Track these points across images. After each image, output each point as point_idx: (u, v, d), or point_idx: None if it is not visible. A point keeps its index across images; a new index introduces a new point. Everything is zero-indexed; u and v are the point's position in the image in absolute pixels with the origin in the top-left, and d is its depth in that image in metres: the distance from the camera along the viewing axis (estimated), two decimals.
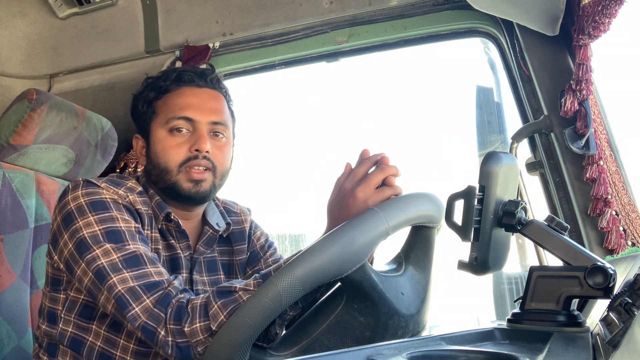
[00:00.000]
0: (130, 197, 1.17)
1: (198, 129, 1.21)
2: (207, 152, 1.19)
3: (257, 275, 1.04)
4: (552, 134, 1.51)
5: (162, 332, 1.00)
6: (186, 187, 1.19)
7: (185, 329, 0.99)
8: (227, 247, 1.34)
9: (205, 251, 1.28)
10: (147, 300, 1.02)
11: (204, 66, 1.74)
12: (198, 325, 0.99)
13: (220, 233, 1.30)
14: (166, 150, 1.20)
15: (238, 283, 1.02)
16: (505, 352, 0.73)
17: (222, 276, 1.31)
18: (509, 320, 0.86)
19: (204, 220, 1.30)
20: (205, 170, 1.20)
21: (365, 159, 1.09)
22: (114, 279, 1.04)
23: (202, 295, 1.03)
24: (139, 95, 1.28)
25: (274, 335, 1.11)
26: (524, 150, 1.62)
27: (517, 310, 0.87)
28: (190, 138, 1.20)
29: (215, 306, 0.99)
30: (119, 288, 1.03)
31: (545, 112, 1.51)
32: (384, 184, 1.07)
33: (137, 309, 1.02)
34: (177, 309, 1.01)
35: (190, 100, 1.23)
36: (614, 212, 1.40)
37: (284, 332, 1.08)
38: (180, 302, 1.02)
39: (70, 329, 1.17)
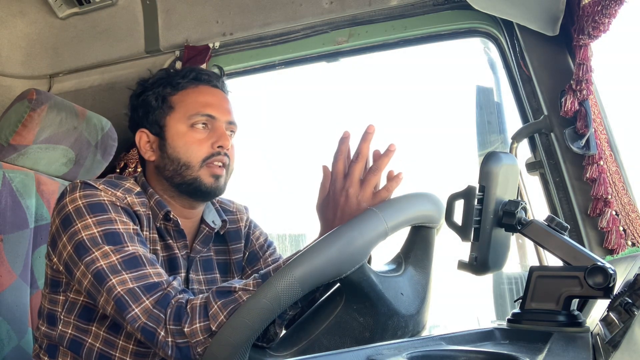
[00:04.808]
0: (128, 198, 1.17)
1: (219, 126, 1.24)
2: (227, 149, 1.23)
3: (256, 275, 1.04)
4: (552, 134, 1.51)
5: (162, 333, 1.00)
6: (208, 183, 1.21)
7: (185, 330, 0.99)
8: (222, 246, 1.34)
9: (202, 250, 1.28)
10: (147, 301, 1.02)
11: (204, 66, 1.74)
12: (198, 325, 0.98)
13: (216, 231, 1.30)
14: (188, 145, 1.22)
15: (237, 283, 1.02)
16: (505, 352, 0.73)
17: (218, 275, 1.31)
18: (509, 320, 0.86)
19: (201, 219, 1.30)
20: (222, 166, 1.23)
21: (339, 154, 1.10)
22: (113, 280, 1.04)
23: (201, 296, 1.02)
24: (147, 89, 1.28)
25: (273, 334, 1.11)
26: (524, 150, 1.62)
27: (517, 310, 0.87)
28: (210, 135, 1.23)
29: (215, 306, 0.99)
30: (118, 289, 1.03)
31: (545, 112, 1.50)
32: (387, 179, 1.09)
33: (136, 310, 1.02)
34: (176, 309, 1.01)
35: (210, 99, 1.26)
36: (614, 212, 1.40)
37: (284, 332, 1.08)
38: (180, 302, 1.02)
39: (69, 331, 1.17)
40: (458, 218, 0.93)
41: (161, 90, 1.27)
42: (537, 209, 1.58)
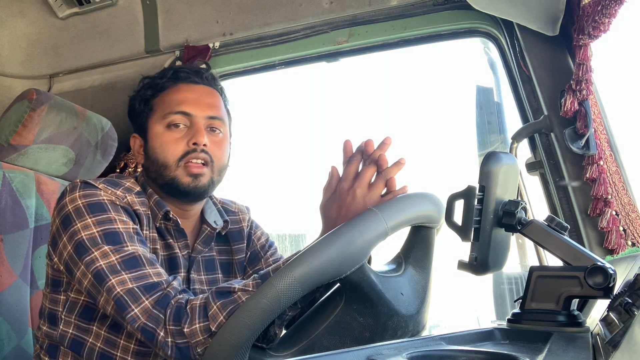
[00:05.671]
0: (128, 197, 1.17)
1: (195, 123, 1.21)
2: (204, 145, 1.19)
3: (255, 275, 1.04)
4: (552, 134, 1.51)
5: (162, 333, 1.00)
6: (185, 182, 1.19)
7: (185, 330, 0.99)
8: (225, 247, 1.34)
9: (203, 250, 1.28)
10: (147, 302, 1.02)
11: (203, 66, 1.74)
12: (197, 325, 0.98)
13: (218, 231, 1.30)
14: (164, 145, 1.20)
15: (237, 283, 1.02)
16: (505, 352, 0.73)
17: (220, 275, 1.31)
18: (509, 320, 0.86)
19: (202, 219, 1.30)
20: (204, 164, 1.20)
21: (352, 155, 1.11)
22: (113, 280, 1.04)
23: (201, 296, 1.02)
24: (135, 94, 1.29)
25: (273, 335, 1.11)
26: (524, 150, 1.62)
27: (517, 310, 0.87)
28: (188, 133, 1.21)
29: (215, 307, 0.99)
30: (118, 290, 1.03)
31: (545, 112, 1.50)
32: (387, 187, 1.09)
33: (136, 310, 1.02)
34: (176, 309, 1.01)
35: (187, 96, 1.24)
36: (614, 212, 1.40)
37: (284, 332, 1.09)
38: (180, 302, 1.02)
39: (70, 330, 1.17)
40: (458, 218, 0.93)
41: (144, 94, 1.26)
42: (537, 209, 1.58)
